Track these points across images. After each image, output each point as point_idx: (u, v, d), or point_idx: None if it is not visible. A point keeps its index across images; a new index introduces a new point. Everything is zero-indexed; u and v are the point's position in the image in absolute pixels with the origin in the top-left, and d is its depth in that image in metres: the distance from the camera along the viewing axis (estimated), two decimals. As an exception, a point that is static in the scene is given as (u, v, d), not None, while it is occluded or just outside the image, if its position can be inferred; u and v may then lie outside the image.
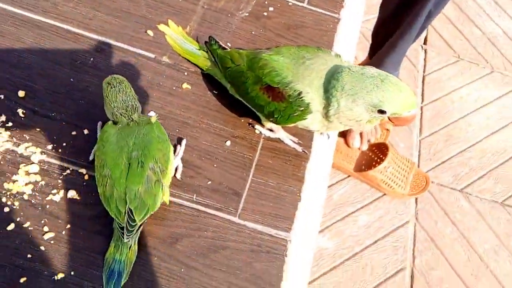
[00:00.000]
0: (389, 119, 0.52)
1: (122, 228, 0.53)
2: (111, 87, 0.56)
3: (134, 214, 0.52)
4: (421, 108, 1.54)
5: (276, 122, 0.59)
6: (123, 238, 0.53)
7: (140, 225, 0.54)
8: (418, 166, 1.44)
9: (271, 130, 0.65)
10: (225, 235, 0.58)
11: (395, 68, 1.24)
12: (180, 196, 0.60)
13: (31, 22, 0.69)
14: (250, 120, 0.66)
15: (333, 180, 1.38)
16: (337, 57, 0.57)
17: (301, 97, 0.54)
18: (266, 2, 0.78)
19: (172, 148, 0.59)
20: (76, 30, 0.70)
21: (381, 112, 0.51)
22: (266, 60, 0.57)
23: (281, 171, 0.64)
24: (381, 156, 1.37)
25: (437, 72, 1.63)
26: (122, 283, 0.53)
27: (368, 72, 0.51)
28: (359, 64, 1.32)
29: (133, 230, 0.53)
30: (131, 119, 0.56)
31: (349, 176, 1.38)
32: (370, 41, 1.30)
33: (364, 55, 1.38)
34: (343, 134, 1.39)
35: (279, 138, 0.66)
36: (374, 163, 1.36)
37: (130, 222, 0.52)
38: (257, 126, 0.66)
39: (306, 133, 0.67)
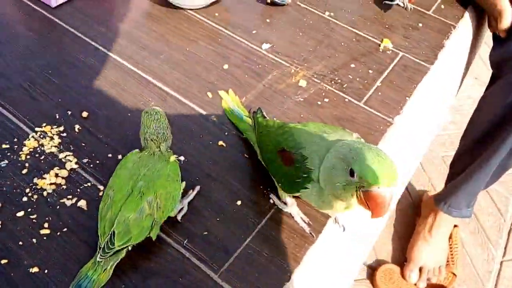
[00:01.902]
0: (362, 194, 0.47)
1: (100, 248, 0.53)
2: (148, 115, 0.62)
3: (115, 238, 0.53)
4: (501, 263, 1.32)
5: (284, 189, 0.58)
6: (97, 257, 0.53)
7: (119, 251, 0.54)
8: (485, 329, 1.19)
9: (285, 203, 0.64)
10: (199, 289, 0.55)
11: (468, 203, 1.12)
12: (172, 236, 0.60)
13: (120, 66, 0.83)
14: (268, 189, 0.66)
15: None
16: (357, 139, 0.55)
17: (305, 163, 0.52)
18: (323, 93, 0.82)
19: (181, 190, 0.61)
20: (150, 79, 0.81)
21: (351, 173, 0.47)
22: (290, 128, 0.59)
23: (280, 246, 0.60)
24: (438, 301, 1.18)
25: (528, 227, 1.42)
26: (83, 301, 0.52)
27: (366, 144, 0.49)
28: (434, 195, 1.23)
29: (109, 253, 0.53)
30: (159, 147, 0.60)
31: (396, 313, 1.20)
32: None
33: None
34: (401, 264, 1.25)
35: (290, 214, 0.63)
36: (428, 307, 1.17)
37: (109, 244, 0.53)
38: (273, 196, 0.65)
39: (320, 218, 0.63)
